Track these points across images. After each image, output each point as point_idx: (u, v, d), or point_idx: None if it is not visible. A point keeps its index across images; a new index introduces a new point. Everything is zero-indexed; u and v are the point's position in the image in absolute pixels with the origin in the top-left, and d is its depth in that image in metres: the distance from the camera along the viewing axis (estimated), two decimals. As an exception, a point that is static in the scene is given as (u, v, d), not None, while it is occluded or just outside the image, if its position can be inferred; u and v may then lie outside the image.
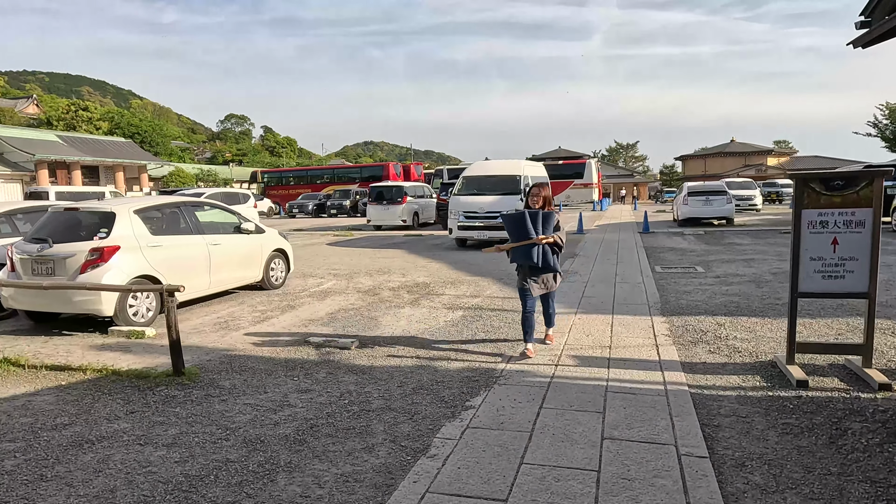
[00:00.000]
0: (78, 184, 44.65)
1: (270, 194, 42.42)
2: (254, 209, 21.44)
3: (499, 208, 14.30)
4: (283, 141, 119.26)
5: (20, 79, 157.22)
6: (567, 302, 7.93)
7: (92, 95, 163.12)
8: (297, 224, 28.30)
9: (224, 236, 8.32)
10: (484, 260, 12.52)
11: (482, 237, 14.51)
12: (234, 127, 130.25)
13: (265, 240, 9.11)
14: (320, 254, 14.57)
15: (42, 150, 42.53)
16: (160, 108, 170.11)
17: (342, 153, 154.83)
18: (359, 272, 11.17)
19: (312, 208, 34.66)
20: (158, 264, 7.05)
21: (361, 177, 39.31)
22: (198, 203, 8.45)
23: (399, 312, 7.57)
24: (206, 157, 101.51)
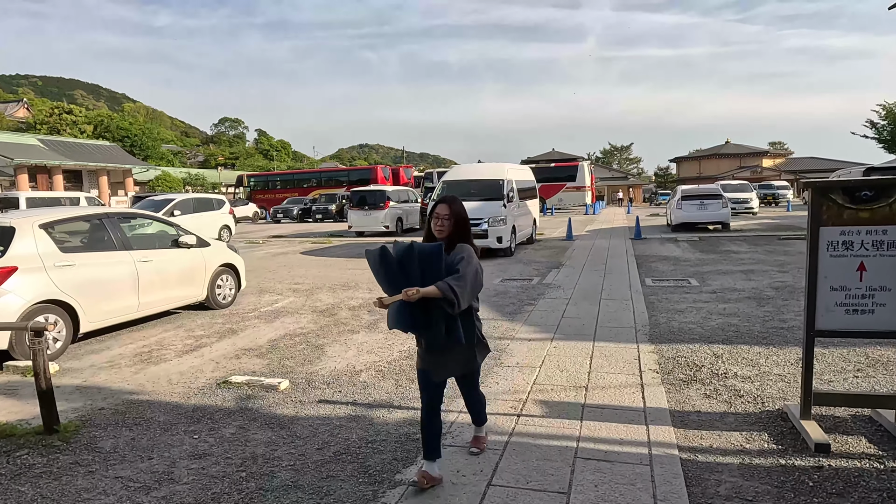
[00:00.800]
0: (60, 189, 43.57)
1: (257, 198, 41.42)
2: (229, 215, 20.48)
3: (480, 215, 13.39)
4: (276, 144, 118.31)
5: (13, 82, 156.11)
6: (545, 325, 7.00)
7: (85, 99, 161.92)
8: (279, 230, 27.33)
9: (158, 252, 7.35)
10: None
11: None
12: (228, 130, 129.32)
13: (210, 254, 8.15)
14: (289, 264, 13.60)
15: (22, 155, 41.42)
16: (153, 111, 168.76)
17: (336, 156, 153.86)
18: (322, 287, 10.21)
19: (297, 213, 33.69)
20: (69, 287, 6.09)
21: (349, 180, 38.33)
22: (126, 214, 7.49)
23: (351, 339, 6.63)
24: (199, 160, 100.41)
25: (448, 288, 2.90)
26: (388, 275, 3.07)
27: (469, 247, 3.19)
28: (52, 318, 5.92)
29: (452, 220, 3.22)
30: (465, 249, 3.15)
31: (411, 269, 2.98)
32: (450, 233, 3.22)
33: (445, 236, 3.21)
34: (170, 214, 18.04)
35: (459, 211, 3.28)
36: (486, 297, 8.91)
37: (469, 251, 3.15)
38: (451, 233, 3.22)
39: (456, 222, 3.24)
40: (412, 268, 2.98)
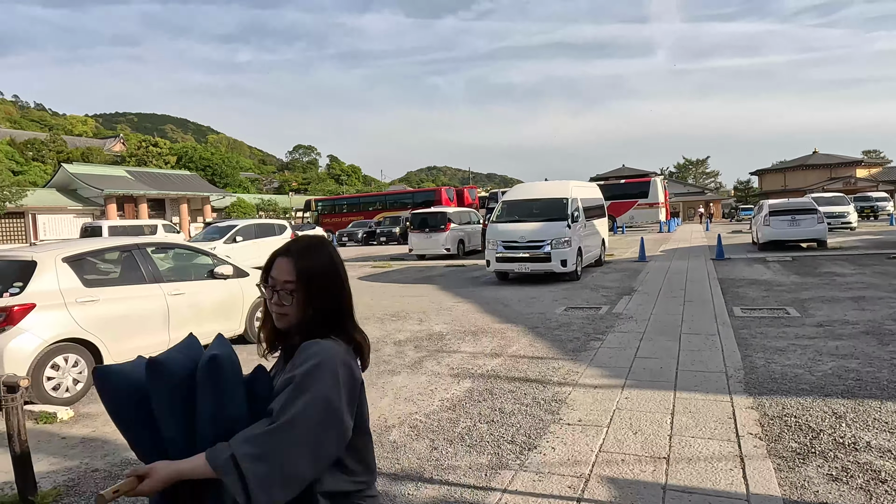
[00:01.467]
0: (145, 216, 46.10)
1: (325, 222, 42.03)
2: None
3: (542, 237, 12.45)
4: (347, 169, 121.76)
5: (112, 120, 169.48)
6: (614, 367, 5.98)
7: (174, 132, 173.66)
8: (343, 254, 27.13)
9: (191, 283, 6.94)
10: (521, 300, 10.64)
11: (524, 270, 12.64)
12: (302, 157, 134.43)
13: (248, 284, 7.69)
14: (344, 291, 13.13)
15: (111, 186, 44.19)
16: (234, 141, 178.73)
17: (405, 179, 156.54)
18: (371, 317, 9.58)
19: (362, 236, 33.75)
20: (92, 324, 5.71)
21: (414, 202, 38.15)
22: (158, 244, 7.13)
23: (389, 383, 5.87)
24: (274, 186, 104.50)
25: (229, 463, 1.29)
26: (134, 421, 1.43)
27: (326, 348, 1.45)
28: (71, 357, 5.53)
29: (304, 290, 1.50)
30: (313, 355, 1.42)
31: (176, 409, 1.40)
32: (300, 319, 1.51)
33: (291, 325, 1.52)
34: (232, 240, 18.19)
35: (320, 269, 1.54)
36: (548, 329, 7.95)
37: (320, 361, 1.40)
38: (301, 319, 1.51)
39: (312, 294, 1.51)
40: (178, 408, 1.40)
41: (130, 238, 6.80)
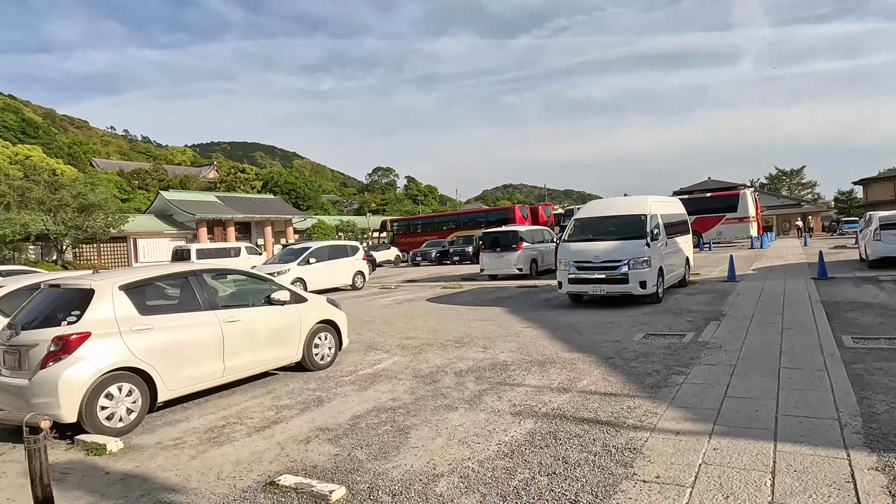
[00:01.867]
0: (232, 239, 48.57)
1: (400, 242, 42.49)
2: (363, 261, 20.60)
3: (619, 257, 11.63)
4: (424, 189, 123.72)
5: (208, 149, 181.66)
6: (700, 408, 5.21)
7: (263, 158, 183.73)
8: (415, 273, 27.26)
9: (247, 310, 6.82)
10: (595, 325, 9.89)
11: (599, 292, 11.83)
12: (381, 178, 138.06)
13: (306, 310, 7.51)
14: (410, 314, 12.84)
15: (202, 211, 46.94)
16: (317, 165, 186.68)
17: (481, 197, 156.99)
18: (434, 343, 9.17)
19: (435, 256, 33.68)
20: (146, 352, 5.66)
21: (487, 221, 37.81)
22: (216, 271, 7.08)
23: (445, 420, 5.40)
24: (354, 208, 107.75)
25: None
26: None
27: None
28: (125, 386, 5.48)
29: None
30: None
31: None
32: None
33: None
34: (306, 262, 18.48)
35: None
36: (624, 361, 7.22)
37: None
38: None
39: None
40: None
41: (187, 265, 6.79)
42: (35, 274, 9.50)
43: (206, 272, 6.68)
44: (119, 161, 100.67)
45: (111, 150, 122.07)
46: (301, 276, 18.14)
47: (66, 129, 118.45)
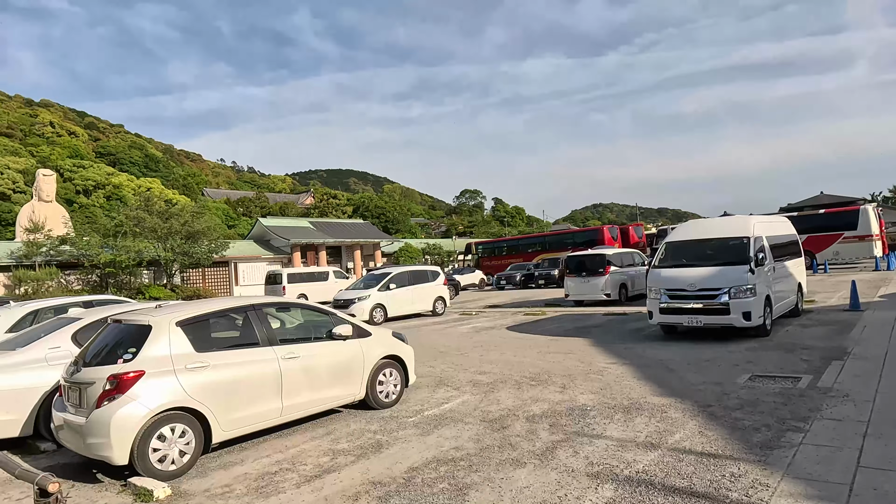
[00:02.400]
0: (323, 263, 50.29)
1: (484, 265, 42.02)
2: (443, 286, 20.28)
3: (718, 284, 10.44)
4: (511, 210, 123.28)
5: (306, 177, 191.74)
6: (825, 482, 4.23)
7: (356, 184, 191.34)
8: (499, 298, 26.59)
9: (306, 346, 6.55)
10: (690, 363, 8.81)
11: (695, 324, 10.66)
12: (468, 201, 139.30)
13: (370, 345, 7.14)
14: (487, 344, 12.23)
15: (296, 236, 48.99)
16: (407, 189, 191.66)
17: (569, 218, 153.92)
18: (508, 379, 8.51)
19: (520, 279, 32.83)
20: (200, 391, 5.48)
21: (574, 243, 36.47)
22: (275, 304, 6.89)
23: (510, 479, 4.76)
24: (442, 230, 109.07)
25: None
26: None
27: None
28: (178, 427, 5.31)
29: None
30: None
31: None
32: None
33: None
34: (385, 288, 18.39)
35: None
36: (725, 410, 6.23)
37: None
38: None
39: None
40: None
41: (247, 299, 6.63)
42: (123, 304, 9.90)
43: (266, 306, 6.50)
44: (226, 190, 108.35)
45: (220, 180, 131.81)
46: (381, 301, 18.06)
47: (183, 162, 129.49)
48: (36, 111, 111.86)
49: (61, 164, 77.41)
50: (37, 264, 33.48)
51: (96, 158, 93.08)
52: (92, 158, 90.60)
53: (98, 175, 77.62)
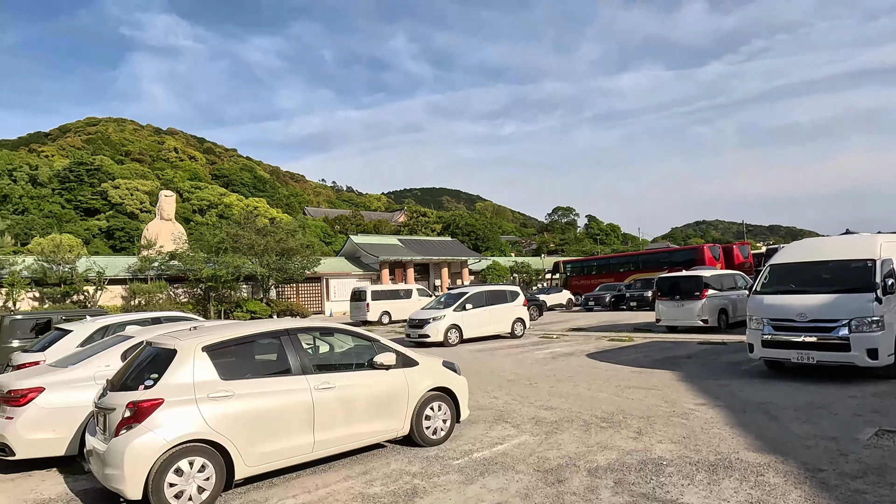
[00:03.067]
0: (411, 280, 50.72)
1: (573, 285, 40.35)
2: (522, 307, 19.34)
3: (836, 314, 8.89)
4: (606, 228, 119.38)
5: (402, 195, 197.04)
6: None
7: (449, 202, 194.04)
8: (585, 320, 25.16)
9: (344, 375, 6.04)
10: (798, 409, 7.40)
11: (807, 360, 9.11)
12: (561, 218, 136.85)
13: (415, 376, 6.53)
14: (560, 372, 11.23)
15: (385, 253, 49.83)
16: (499, 207, 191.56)
17: (669, 236, 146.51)
18: (576, 418, 7.55)
19: (610, 300, 31.03)
20: (222, 423, 5.10)
21: (671, 262, 34.07)
22: (312, 329, 6.45)
23: (550, 554, 3.92)
24: (532, 248, 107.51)
25: None
26: None
27: None
28: (197, 461, 4.95)
29: None
30: None
31: None
32: None
33: None
34: (462, 308, 17.80)
35: None
36: (841, 476, 4.98)
37: None
38: None
39: None
40: None
41: (282, 322, 6.24)
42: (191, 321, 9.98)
43: (301, 331, 6.07)
44: (325, 209, 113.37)
45: (321, 199, 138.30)
46: (456, 322, 17.47)
47: (287, 182, 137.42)
48: (163, 138, 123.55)
49: (181, 186, 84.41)
50: (149, 278, 36.18)
51: (212, 180, 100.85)
52: (208, 180, 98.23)
53: (211, 195, 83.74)
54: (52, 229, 63.27)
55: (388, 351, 6.39)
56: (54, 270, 32.79)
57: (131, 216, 73.35)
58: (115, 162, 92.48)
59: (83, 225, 64.87)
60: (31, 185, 78.67)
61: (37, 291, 33.10)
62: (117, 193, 76.34)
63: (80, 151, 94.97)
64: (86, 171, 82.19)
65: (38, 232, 62.67)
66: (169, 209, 44.98)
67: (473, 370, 12.01)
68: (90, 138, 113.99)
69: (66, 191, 79.28)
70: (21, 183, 78.55)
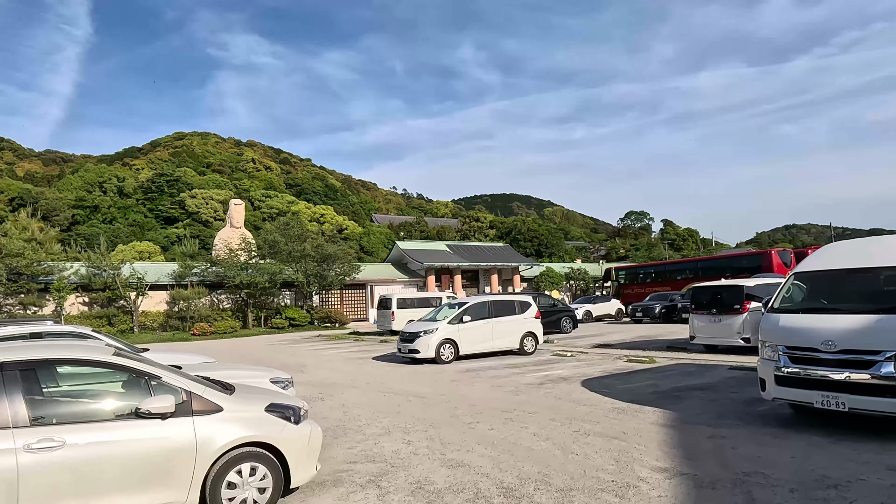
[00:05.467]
0: (458, 287, 48.90)
1: (625, 293, 37.13)
2: (535, 320, 17.06)
3: (874, 344, 6.30)
4: (683, 233, 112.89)
5: (472, 202, 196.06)
6: None
7: (519, 208, 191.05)
8: (624, 333, 22.39)
9: (87, 428, 4.33)
10: (802, 488, 4.96)
11: (833, 406, 6.51)
12: (634, 223, 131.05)
13: (211, 427, 4.70)
14: (527, 405, 9.04)
15: (431, 259, 48.30)
16: (568, 212, 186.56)
17: (755, 241, 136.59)
18: (472, 486, 5.45)
19: (660, 312, 27.89)
20: None
21: (734, 269, 30.38)
22: (51, 361, 4.76)
23: None
24: (601, 254, 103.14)
25: None
26: None
27: None
28: None
29: None
30: None
31: None
32: None
33: None
34: (458, 321, 15.82)
35: None
36: None
37: None
38: None
39: None
40: None
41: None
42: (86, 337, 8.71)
43: (27, 365, 4.41)
44: (391, 216, 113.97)
45: (391, 206, 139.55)
46: (450, 336, 15.49)
47: (359, 191, 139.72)
48: (242, 150, 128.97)
49: (253, 195, 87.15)
50: (189, 284, 36.46)
51: (286, 189, 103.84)
52: (282, 189, 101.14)
53: (281, 204, 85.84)
54: (135, 237, 66.78)
55: (167, 393, 4.62)
56: (100, 276, 33.58)
57: (206, 224, 76.30)
58: (198, 173, 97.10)
59: (163, 233, 67.87)
60: (118, 196, 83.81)
61: (86, 297, 34.08)
62: (194, 203, 79.82)
63: (166, 164, 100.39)
64: (166, 181, 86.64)
65: (122, 240, 66.32)
66: (238, 217, 45.60)
67: (432, 398, 10.08)
68: (176, 151, 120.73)
69: (149, 200, 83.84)
70: (110, 194, 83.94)
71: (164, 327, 34.38)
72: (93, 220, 74.25)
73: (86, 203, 77.17)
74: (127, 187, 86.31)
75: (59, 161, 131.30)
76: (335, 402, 10.09)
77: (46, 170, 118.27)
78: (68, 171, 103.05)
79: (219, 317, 35.35)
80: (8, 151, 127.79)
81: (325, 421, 8.55)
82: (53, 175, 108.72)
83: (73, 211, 74.41)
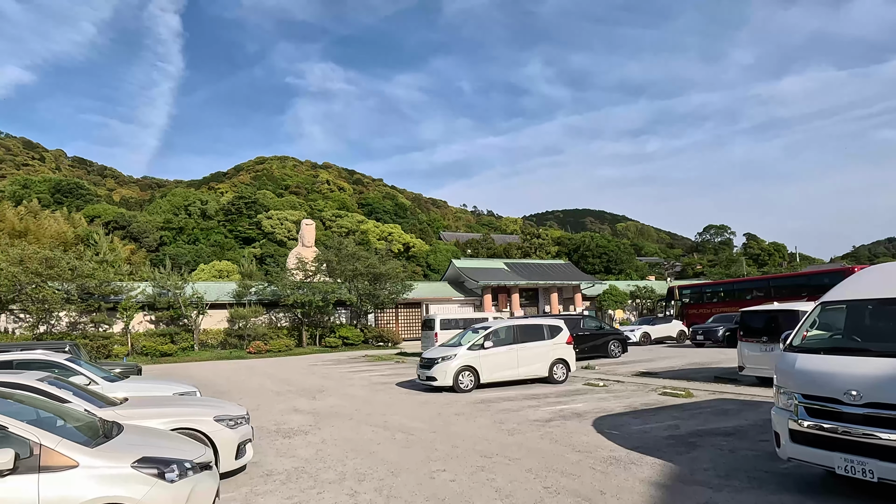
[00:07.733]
0: (516, 306, 47.57)
1: (689, 314, 34.57)
2: (566, 345, 15.83)
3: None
4: (768, 248, 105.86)
5: (543, 218, 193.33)
6: None
7: (592, 224, 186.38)
8: (675, 359, 20.52)
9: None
10: None
11: (858, 473, 5.12)
12: (714, 238, 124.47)
13: (62, 487, 4.14)
14: (516, 449, 8.01)
15: (487, 278, 47.33)
16: (643, 226, 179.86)
17: (852, 255, 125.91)
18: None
19: (723, 334, 25.58)
20: None
21: (811, 287, 27.53)
22: None
23: None
24: (677, 270, 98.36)
25: None
26: None
27: None
28: None
29: None
30: None
31: None
32: None
33: None
34: (479, 347, 14.88)
35: None
36: None
37: None
38: None
39: None
40: None
41: None
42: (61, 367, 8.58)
43: None
44: (459, 233, 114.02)
45: (461, 224, 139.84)
46: (471, 363, 14.56)
47: (429, 209, 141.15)
48: (318, 172, 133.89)
49: (324, 215, 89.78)
50: (247, 303, 37.41)
51: (357, 208, 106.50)
52: (354, 209, 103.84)
53: (350, 223, 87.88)
54: (216, 257, 70.25)
55: (6, 445, 4.11)
56: (165, 295, 35.05)
57: (280, 244, 79.26)
58: (276, 195, 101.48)
59: (240, 253, 70.94)
60: (201, 218, 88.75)
61: (151, 315, 35.71)
62: (269, 223, 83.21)
63: (247, 187, 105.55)
64: (245, 203, 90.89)
65: (203, 259, 70.00)
66: (309, 237, 46.74)
67: (419, 436, 9.24)
68: (257, 175, 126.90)
69: (229, 222, 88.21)
70: (194, 216, 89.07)
71: (224, 345, 35.29)
72: (178, 240, 78.90)
73: (172, 225, 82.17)
74: (209, 210, 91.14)
75: (154, 186, 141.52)
76: (317, 437, 9.46)
77: (141, 195, 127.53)
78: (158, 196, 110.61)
79: (275, 335, 35.92)
80: (110, 178, 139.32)
81: (291, 460, 7.94)
82: (146, 200, 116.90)
83: (161, 233, 79.38)
